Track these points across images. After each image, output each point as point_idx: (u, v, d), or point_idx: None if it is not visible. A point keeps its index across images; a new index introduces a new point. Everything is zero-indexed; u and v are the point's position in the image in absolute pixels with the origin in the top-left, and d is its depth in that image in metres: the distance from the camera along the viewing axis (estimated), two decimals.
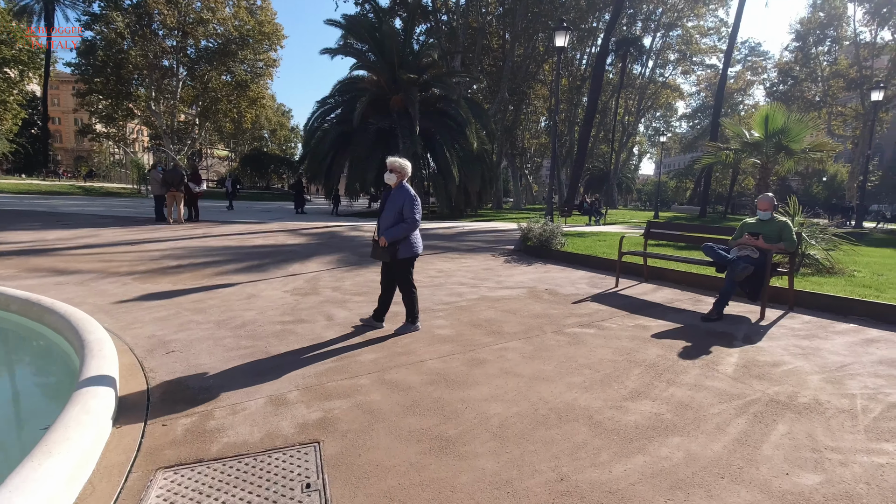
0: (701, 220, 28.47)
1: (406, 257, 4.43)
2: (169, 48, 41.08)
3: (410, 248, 4.43)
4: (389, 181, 4.46)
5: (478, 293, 6.08)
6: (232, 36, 42.78)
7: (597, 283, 6.82)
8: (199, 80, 43.74)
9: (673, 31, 46.15)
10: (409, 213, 4.30)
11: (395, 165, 4.43)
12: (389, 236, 4.33)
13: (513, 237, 12.91)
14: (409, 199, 4.33)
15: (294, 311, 5.21)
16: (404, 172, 4.46)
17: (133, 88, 41.21)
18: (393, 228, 4.34)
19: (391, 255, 4.39)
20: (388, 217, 4.41)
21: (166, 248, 9.07)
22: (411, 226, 4.31)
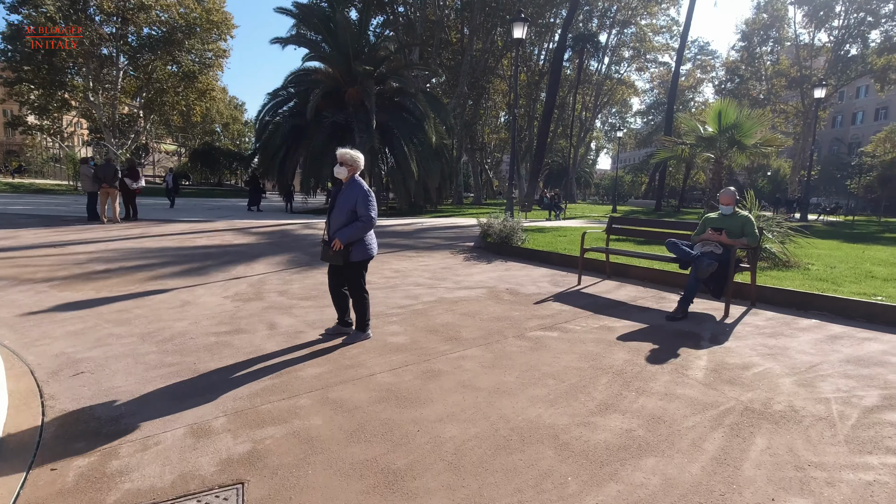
0: (656, 214, 29.17)
1: (360, 260, 4.04)
2: (107, 35, 38.56)
3: (365, 249, 4.03)
4: (340, 175, 4.05)
5: (435, 295, 5.74)
6: (177, 24, 40.57)
7: (559, 280, 6.61)
8: (142, 70, 41.31)
9: (627, 29, 47.18)
10: (364, 211, 3.90)
11: (345, 157, 4.02)
12: (343, 238, 3.92)
13: (473, 233, 12.64)
14: (364, 196, 3.93)
15: (233, 319, 4.72)
16: (356, 165, 4.05)
17: (68, 78, 38.48)
18: (346, 228, 3.94)
19: (344, 258, 3.98)
20: (339, 215, 4.00)
21: (95, 251, 8.28)
22: (367, 225, 3.91)
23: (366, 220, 3.90)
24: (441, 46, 34.32)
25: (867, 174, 40.81)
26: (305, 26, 20.88)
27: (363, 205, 3.90)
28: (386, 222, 15.71)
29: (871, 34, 39.27)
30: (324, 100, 19.03)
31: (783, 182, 56.89)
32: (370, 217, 3.90)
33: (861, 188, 44.54)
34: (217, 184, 51.25)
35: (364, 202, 3.90)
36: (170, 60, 41.37)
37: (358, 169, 4.07)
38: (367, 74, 19.02)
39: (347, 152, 4.06)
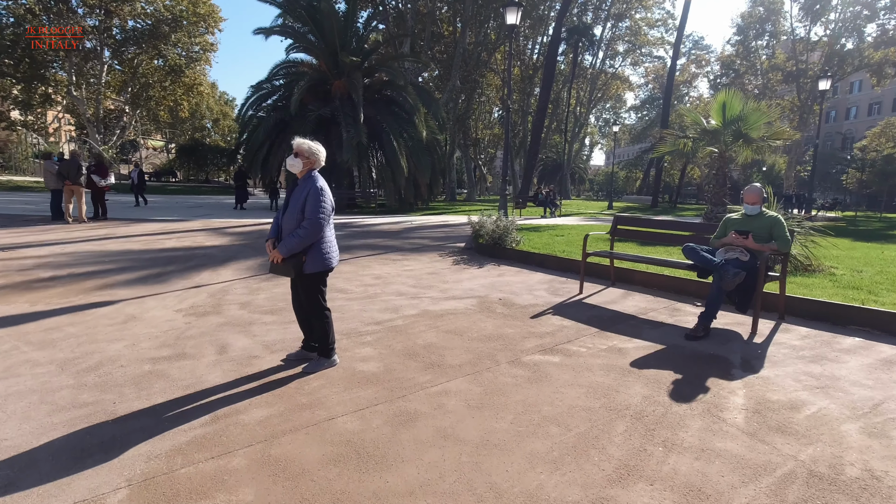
0: (653, 210, 28.61)
1: (315, 272, 3.34)
2: (90, 28, 37.44)
3: (321, 258, 3.34)
4: (293, 169, 3.37)
5: (418, 307, 5.04)
6: (163, 16, 39.49)
7: (558, 288, 5.93)
8: (127, 64, 40.27)
9: (622, 23, 46.53)
10: (311, 212, 3.21)
11: (301, 148, 3.33)
12: (284, 249, 3.24)
13: (464, 233, 11.95)
14: (314, 193, 3.24)
15: (179, 340, 4.01)
16: (314, 158, 3.36)
17: (50, 72, 37.37)
18: (287, 238, 3.26)
19: (295, 269, 3.29)
20: (291, 218, 3.32)
21: (46, 255, 7.51)
22: (311, 230, 3.21)
23: (310, 224, 3.20)
24: (433, 40, 33.51)
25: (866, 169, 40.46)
26: (290, 16, 20.02)
27: (311, 204, 3.22)
28: (373, 221, 14.98)
29: (868, 28, 38.90)
30: (309, 93, 18.25)
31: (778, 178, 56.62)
32: (317, 220, 3.21)
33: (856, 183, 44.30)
34: (205, 181, 50.18)
35: (313, 201, 3.22)
36: (155, 54, 40.35)
37: (316, 163, 3.38)
38: (354, 66, 18.22)
39: (305, 142, 3.36)
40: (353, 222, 14.17)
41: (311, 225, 3.19)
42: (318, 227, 3.21)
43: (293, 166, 3.34)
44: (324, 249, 3.34)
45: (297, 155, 3.33)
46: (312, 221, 3.19)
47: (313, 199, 3.22)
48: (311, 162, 3.35)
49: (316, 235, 3.23)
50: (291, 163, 3.34)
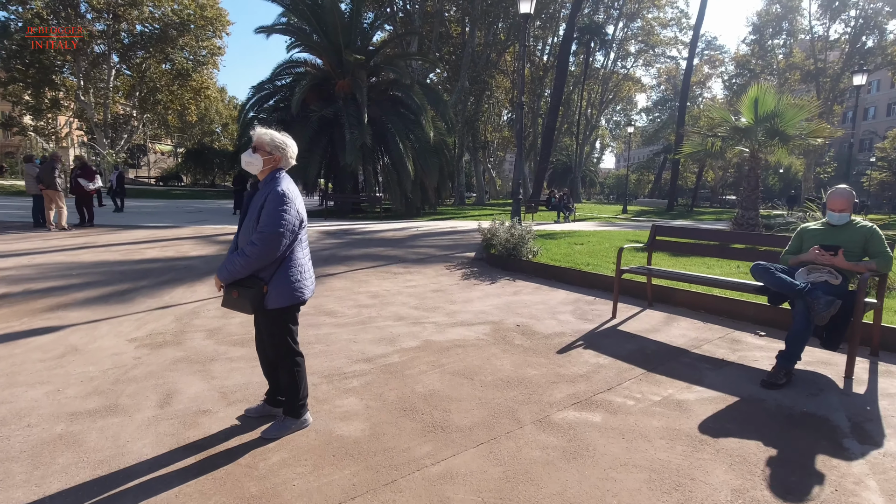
0: (670, 214, 27.56)
1: (280, 307, 2.49)
2: (98, 32, 37.28)
3: (289, 289, 2.49)
4: (251, 168, 2.53)
5: (420, 336, 4.18)
6: (170, 20, 39.33)
7: (585, 310, 5.03)
8: (135, 68, 40.12)
9: (634, 23, 45.50)
10: (266, 223, 2.37)
11: (260, 140, 2.51)
12: (224, 272, 2.43)
13: (473, 240, 11.08)
14: (274, 199, 2.40)
15: (117, 383, 3.19)
16: (278, 154, 2.53)
17: (60, 77, 37.33)
18: (231, 258, 2.43)
19: (253, 303, 2.45)
20: (246, 234, 2.48)
21: (10, 267, 6.75)
22: (262, 248, 2.36)
23: (259, 240, 2.34)
24: (441, 40, 32.76)
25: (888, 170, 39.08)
26: (294, 14, 19.31)
27: (268, 213, 2.38)
28: (376, 227, 14.15)
29: (889, 24, 37.63)
30: (312, 93, 17.50)
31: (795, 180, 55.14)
32: (272, 235, 2.35)
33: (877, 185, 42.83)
34: (210, 185, 49.85)
35: (271, 209, 2.38)
36: (163, 58, 40.20)
37: (282, 160, 2.55)
38: (358, 65, 17.45)
39: (266, 133, 2.52)
40: (354, 228, 13.35)
41: (262, 241, 2.34)
42: (271, 244, 2.35)
43: (250, 164, 2.51)
44: (292, 277, 2.49)
45: (256, 149, 2.50)
46: (265, 236, 2.34)
47: (272, 206, 2.38)
48: (275, 159, 2.52)
49: (268, 255, 2.38)
50: (248, 160, 2.51)
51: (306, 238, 2.64)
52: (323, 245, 9.82)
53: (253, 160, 2.48)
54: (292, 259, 2.49)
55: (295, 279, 2.49)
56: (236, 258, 2.38)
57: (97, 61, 38.38)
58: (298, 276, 2.51)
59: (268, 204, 2.38)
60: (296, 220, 2.46)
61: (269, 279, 2.45)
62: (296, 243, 2.52)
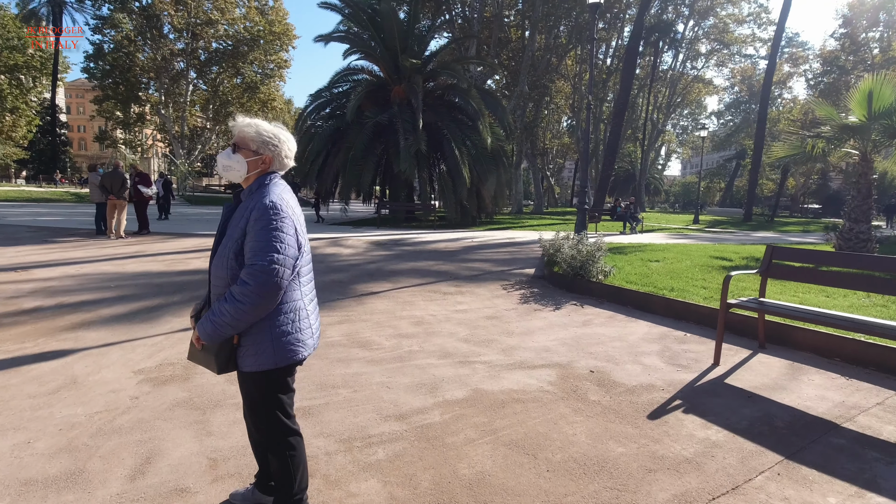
0: (748, 225, 25.19)
1: (263, 370, 1.75)
2: (178, 51, 39.75)
3: (275, 344, 1.74)
4: (231, 174, 1.81)
5: (469, 382, 3.37)
6: (242, 37, 41.38)
7: (677, 352, 4.03)
8: (210, 83, 42.54)
9: (705, 21, 42.67)
10: (256, 254, 1.64)
11: (244, 134, 1.79)
12: (205, 329, 1.68)
13: (533, 254, 10.15)
14: (262, 216, 1.66)
15: (97, 436, 2.62)
16: (268, 153, 1.80)
17: (143, 93, 40.22)
18: (217, 305, 1.68)
19: (219, 362, 1.74)
20: (220, 264, 1.74)
21: (55, 277, 6.61)
22: (257, 293, 1.61)
23: (252, 280, 1.61)
24: (500, 45, 31.99)
25: None
26: (351, 20, 19.23)
27: (257, 238, 1.64)
28: (429, 237, 13.49)
29: None
30: (368, 99, 17.23)
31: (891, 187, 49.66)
32: (267, 272, 1.61)
33: None
34: None
35: (261, 231, 1.64)
36: (234, 73, 42.26)
37: (274, 162, 1.82)
38: (414, 69, 17.00)
39: (251, 123, 1.81)
40: (406, 238, 12.75)
41: (256, 279, 1.61)
42: (269, 283, 1.62)
43: (229, 169, 1.80)
44: (282, 326, 1.74)
45: (237, 148, 1.80)
46: (257, 273, 1.60)
47: (260, 226, 1.64)
48: (264, 160, 1.80)
49: (267, 299, 1.64)
50: (226, 163, 1.81)
51: (309, 269, 1.90)
52: (370, 257, 9.25)
53: (232, 163, 1.78)
54: (283, 300, 1.76)
55: (286, 329, 1.75)
56: (224, 307, 1.63)
57: (177, 78, 40.87)
58: (291, 326, 1.76)
59: (253, 224, 1.65)
60: (296, 245, 1.72)
61: (247, 330, 1.72)
62: (294, 281, 1.79)
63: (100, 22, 38.11)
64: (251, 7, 41.69)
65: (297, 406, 3.01)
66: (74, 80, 69.38)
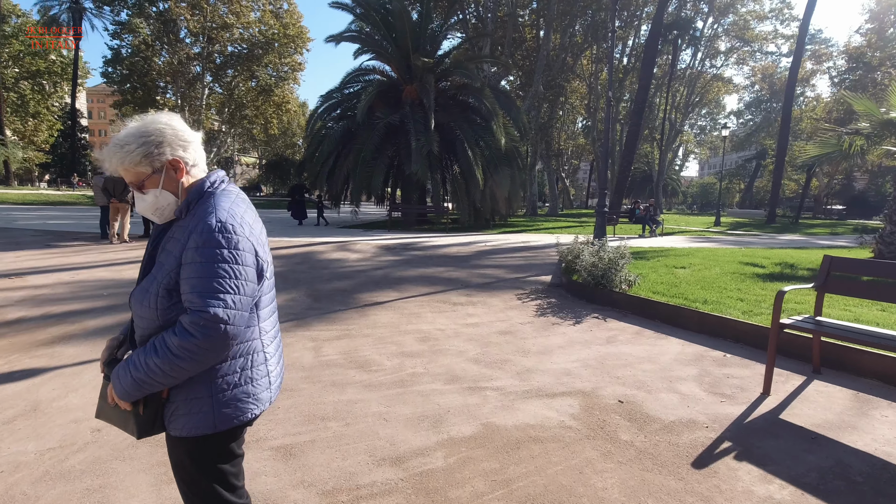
0: (772, 227, 24.32)
1: (198, 435, 1.30)
2: (194, 55, 40.11)
3: (217, 402, 1.29)
4: (159, 212, 1.33)
5: (478, 414, 2.92)
6: (257, 40, 41.63)
7: (717, 376, 3.53)
8: (225, 86, 42.90)
9: (724, 19, 41.60)
10: (200, 294, 1.17)
11: (125, 164, 1.27)
12: (122, 387, 1.23)
13: (549, 259, 9.66)
14: (205, 241, 1.19)
15: (39, 483, 2.26)
16: (162, 153, 1.28)
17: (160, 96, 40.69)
18: (138, 355, 1.22)
19: (140, 425, 1.30)
20: (142, 299, 1.27)
21: (48, 284, 6.32)
22: (199, 346, 1.16)
23: (197, 328, 1.16)
24: (514, 45, 31.49)
25: None
26: (362, 20, 18.92)
27: (199, 272, 1.18)
28: (441, 241, 13.06)
29: None
30: (379, 100, 16.87)
31: None
32: (215, 316, 1.16)
33: None
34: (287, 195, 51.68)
35: (208, 265, 1.18)
36: (249, 76, 42.49)
37: (187, 159, 1.33)
38: (426, 69, 16.60)
39: (116, 145, 1.27)
40: (416, 242, 12.32)
41: (202, 334, 1.17)
42: (217, 340, 1.19)
43: (159, 211, 1.33)
44: (227, 377, 1.30)
45: (141, 185, 1.30)
46: (202, 323, 1.17)
47: (207, 257, 1.19)
48: (174, 166, 1.30)
49: (212, 359, 1.22)
50: (144, 206, 1.33)
51: (271, 297, 1.45)
52: (377, 263, 8.84)
53: (156, 203, 1.31)
54: (239, 349, 1.32)
55: (232, 380, 1.31)
56: (152, 361, 1.19)
57: (193, 81, 41.21)
58: (240, 376, 1.32)
59: (195, 252, 1.19)
60: (254, 280, 1.28)
61: (181, 385, 1.29)
62: (250, 314, 1.34)
63: (118, 27, 38.60)
64: (266, 10, 41.87)
65: (278, 443, 2.60)
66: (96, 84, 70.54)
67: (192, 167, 1.34)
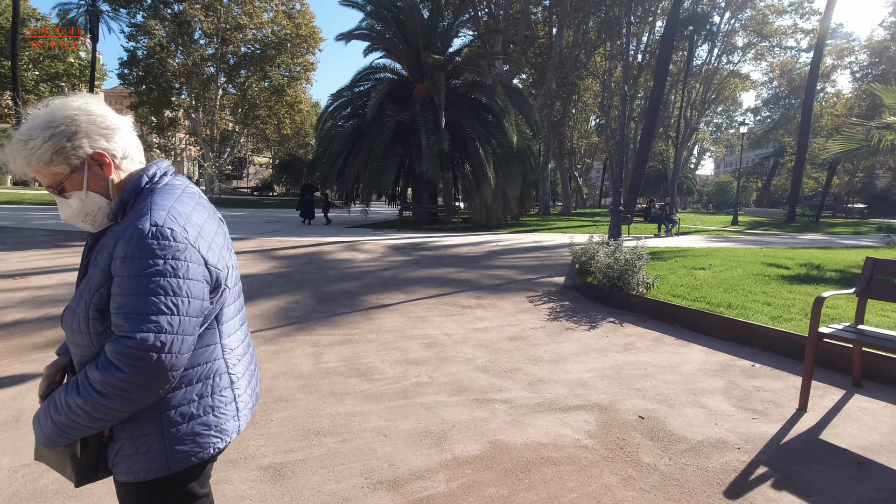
0: (792, 227, 23.68)
1: (149, 479, 1.07)
2: (208, 56, 40.43)
3: (174, 441, 1.07)
4: (101, 216, 1.10)
5: (486, 430, 2.70)
6: (270, 40, 41.85)
7: (746, 388, 3.26)
8: (238, 87, 43.21)
9: (742, 14, 40.72)
10: (134, 323, 0.95)
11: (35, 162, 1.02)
12: (43, 431, 1.03)
13: (562, 259, 9.38)
14: (139, 258, 0.96)
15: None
16: (79, 145, 1.03)
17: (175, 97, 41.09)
18: (63, 395, 1.00)
19: (78, 471, 1.07)
20: (76, 316, 1.04)
21: (51, 285, 6.22)
22: (139, 383, 0.95)
23: (130, 366, 0.94)
24: (526, 43, 31.13)
25: None
26: (373, 18, 18.76)
27: (132, 291, 0.96)
28: (451, 240, 12.83)
29: None
30: (389, 98, 16.69)
31: None
32: (153, 350, 0.94)
33: None
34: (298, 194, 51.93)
35: (137, 280, 0.95)
36: (262, 76, 42.72)
37: (113, 151, 1.08)
38: (437, 66, 16.38)
39: (20, 140, 1.02)
40: (426, 242, 12.11)
41: (130, 368, 0.94)
42: (151, 375, 0.97)
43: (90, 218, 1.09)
44: (181, 408, 1.08)
45: (60, 188, 1.06)
46: (131, 354, 0.94)
47: (135, 271, 0.96)
48: (98, 160, 1.06)
49: (147, 397, 1.00)
50: (69, 212, 1.09)
51: (237, 308, 1.24)
52: (386, 263, 8.65)
53: (73, 204, 1.07)
54: (191, 367, 1.11)
55: (188, 411, 1.09)
56: (74, 402, 0.98)
57: (207, 82, 41.54)
58: (198, 406, 1.11)
59: (122, 265, 0.97)
60: (203, 289, 1.05)
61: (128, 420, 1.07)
62: (208, 331, 1.14)
63: (134, 29, 39.02)
64: (279, 11, 42.02)
65: (267, 462, 2.39)
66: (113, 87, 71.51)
67: (121, 160, 1.11)
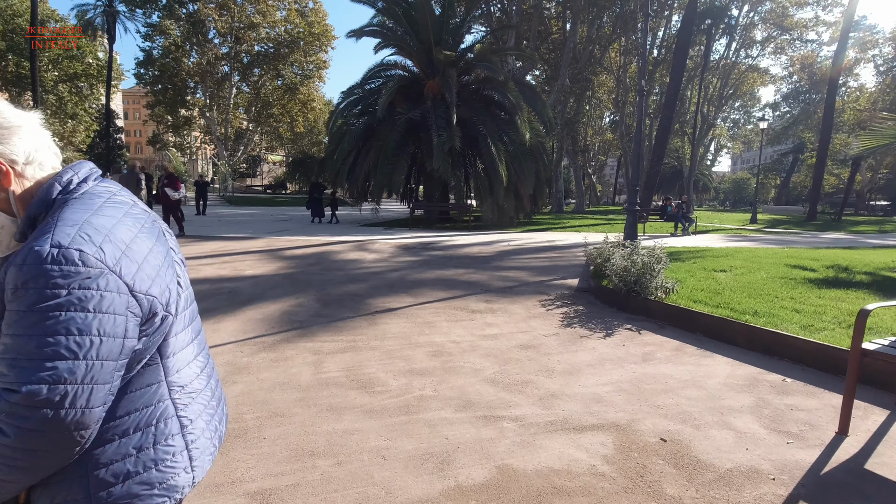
0: (813, 225, 23.03)
1: None
2: (222, 55, 40.72)
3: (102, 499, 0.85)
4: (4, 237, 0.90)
5: (493, 452, 2.48)
6: (283, 39, 42.05)
7: (777, 407, 3.00)
8: (252, 85, 43.51)
9: (761, 6, 39.71)
10: (22, 371, 0.73)
11: None
12: None
13: (575, 260, 9.11)
14: (32, 289, 0.74)
15: None
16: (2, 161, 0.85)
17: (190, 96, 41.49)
18: None
19: None
20: None
21: None
22: (32, 448, 0.74)
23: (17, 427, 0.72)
24: (539, 39, 30.70)
25: None
26: (384, 14, 18.57)
27: (23, 331, 0.74)
28: (462, 240, 12.61)
29: None
30: (400, 95, 16.50)
31: None
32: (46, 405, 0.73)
33: None
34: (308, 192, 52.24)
35: (29, 317, 0.74)
36: (275, 75, 42.93)
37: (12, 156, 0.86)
38: (448, 62, 16.13)
39: None
40: (436, 242, 11.90)
41: (18, 430, 0.73)
42: (37, 435, 0.74)
43: None
44: (113, 464, 0.87)
45: None
46: (18, 411, 0.72)
47: (27, 305, 0.74)
48: None
49: (37, 461, 0.77)
50: None
51: (191, 337, 1.04)
52: (394, 264, 8.46)
53: None
54: (125, 408, 0.92)
55: (123, 468, 0.88)
56: None
57: (221, 81, 41.85)
58: (135, 461, 0.89)
59: (11, 296, 0.76)
60: (126, 323, 0.82)
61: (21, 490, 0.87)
62: (148, 368, 0.94)
63: (150, 29, 39.43)
64: (292, 9, 42.14)
65: (255, 487, 2.20)
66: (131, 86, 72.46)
67: (24, 166, 0.89)
